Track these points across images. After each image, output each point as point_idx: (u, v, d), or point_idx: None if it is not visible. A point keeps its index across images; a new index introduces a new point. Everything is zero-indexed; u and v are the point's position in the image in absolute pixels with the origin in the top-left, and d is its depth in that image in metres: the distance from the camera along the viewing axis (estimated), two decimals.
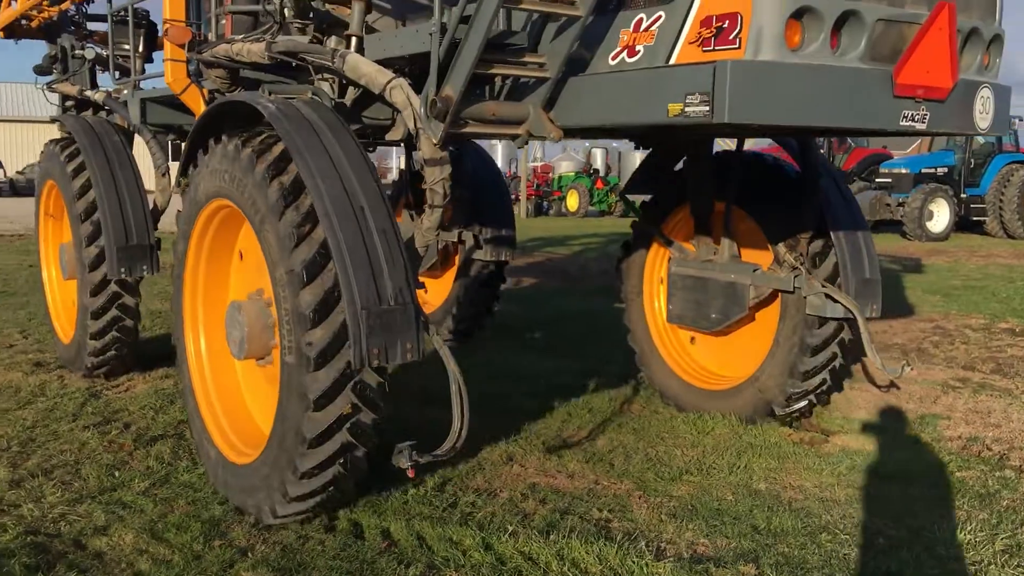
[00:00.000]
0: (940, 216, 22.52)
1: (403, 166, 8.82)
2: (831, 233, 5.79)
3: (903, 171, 23.46)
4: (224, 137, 4.60)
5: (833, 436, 6.05)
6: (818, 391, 6.00)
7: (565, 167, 36.99)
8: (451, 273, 8.67)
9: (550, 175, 36.49)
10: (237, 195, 4.42)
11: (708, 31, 3.77)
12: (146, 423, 5.98)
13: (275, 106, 4.34)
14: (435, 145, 4.42)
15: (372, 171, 4.21)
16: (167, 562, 3.99)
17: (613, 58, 4.21)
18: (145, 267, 6.65)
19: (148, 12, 7.52)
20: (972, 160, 23.65)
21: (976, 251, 19.54)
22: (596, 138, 7.27)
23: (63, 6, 8.09)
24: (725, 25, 3.71)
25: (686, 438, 5.94)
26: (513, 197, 33.24)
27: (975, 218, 23.42)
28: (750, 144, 6.05)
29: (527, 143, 4.98)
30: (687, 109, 3.80)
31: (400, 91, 4.46)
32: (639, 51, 4.07)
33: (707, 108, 3.71)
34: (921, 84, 4.10)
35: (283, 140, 4.19)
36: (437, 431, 4.27)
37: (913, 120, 4.17)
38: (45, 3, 8.04)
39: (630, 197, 7.14)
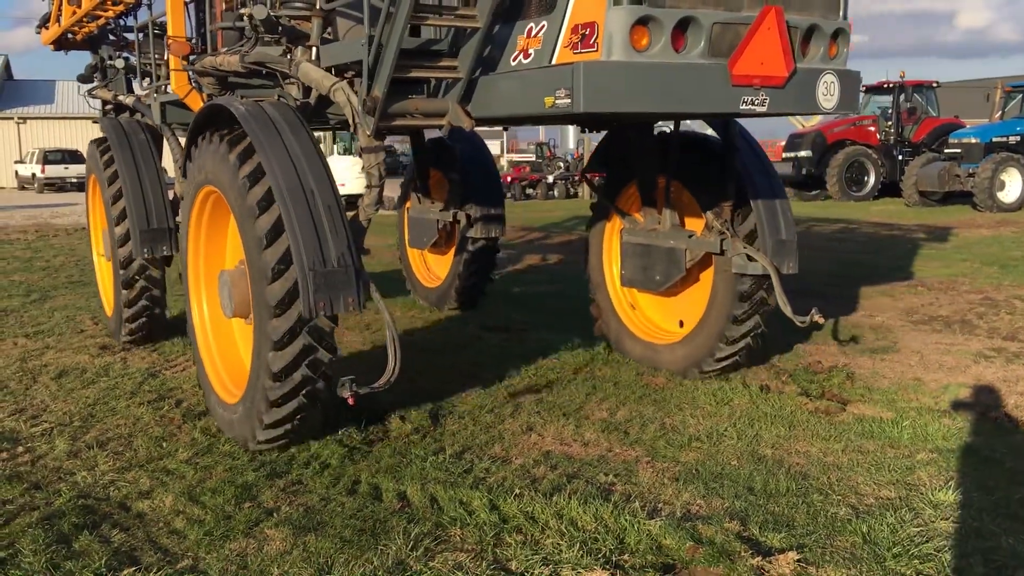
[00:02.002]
0: (1012, 186, 21.92)
1: (426, 157, 9.63)
2: (751, 201, 6.41)
3: (973, 140, 22.86)
4: (209, 134, 5.50)
5: (851, 405, 6.17)
6: (751, 334, 6.64)
7: None
8: (453, 250, 9.47)
9: None
10: (218, 181, 5.34)
11: (576, 37, 4.50)
12: (196, 400, 6.43)
13: (245, 107, 5.23)
14: (369, 136, 5.27)
15: (322, 159, 5.07)
16: (200, 521, 4.38)
17: (513, 59, 4.92)
18: (165, 247, 7.59)
19: None
20: None
21: None
22: (507, 126, 8.28)
23: (99, 22, 8.98)
24: (587, 32, 4.45)
25: (704, 408, 6.13)
26: (576, 178, 33.54)
27: None
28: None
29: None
30: (557, 102, 4.53)
31: (341, 92, 5.33)
32: (531, 53, 4.79)
33: (569, 100, 4.45)
34: (757, 74, 4.79)
35: (249, 135, 5.06)
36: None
37: (753, 104, 4.84)
38: (85, 19, 8.95)
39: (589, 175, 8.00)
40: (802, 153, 26.94)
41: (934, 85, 27.50)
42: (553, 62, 4.61)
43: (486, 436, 5.63)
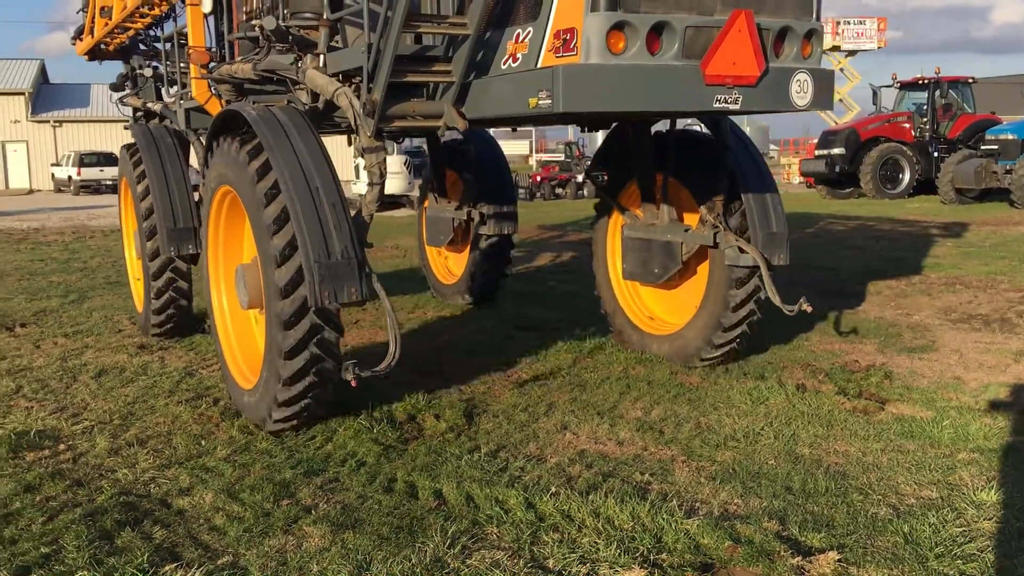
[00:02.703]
0: None
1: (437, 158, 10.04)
2: (742, 194, 6.65)
3: (1010, 137, 22.51)
4: (225, 137, 5.88)
5: (889, 404, 6.11)
6: (746, 321, 6.86)
7: None
8: (468, 247, 9.92)
9: None
10: (233, 180, 5.72)
11: (558, 41, 4.80)
12: None
13: (256, 112, 5.60)
14: (369, 136, 5.61)
15: (327, 159, 5.40)
16: (239, 518, 4.43)
17: (503, 63, 5.23)
18: (191, 246, 7.94)
19: None
20: None
21: None
22: (500, 127, 8.68)
23: (129, 33, 9.53)
24: (568, 37, 4.75)
25: (740, 407, 6.09)
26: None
27: None
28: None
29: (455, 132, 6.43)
30: (540, 102, 4.84)
31: (344, 96, 5.67)
32: (519, 58, 5.08)
33: (550, 101, 4.76)
34: (729, 74, 5.04)
35: (259, 137, 5.40)
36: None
37: (726, 102, 5.10)
38: (117, 30, 9.45)
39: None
40: (835, 150, 26.69)
41: (970, 81, 27.14)
42: (538, 65, 4.90)
43: (521, 435, 5.64)
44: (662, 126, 7.25)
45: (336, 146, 9.36)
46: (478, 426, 5.80)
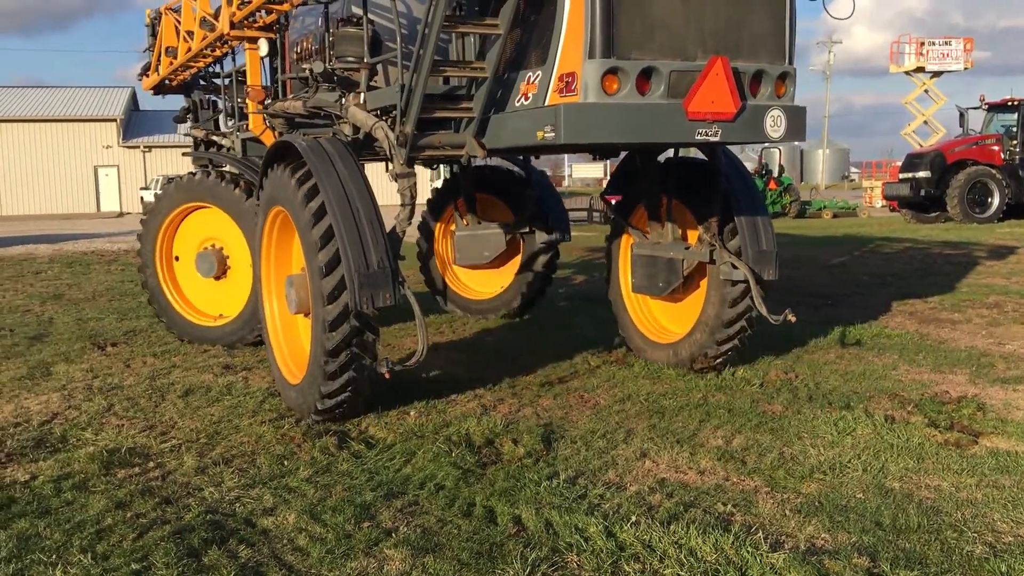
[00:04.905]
0: None
1: (458, 179, 10.65)
2: (734, 215, 7.31)
3: None
4: (279, 165, 6.66)
5: (983, 437, 5.89)
6: (739, 335, 7.52)
7: None
8: (518, 258, 10.59)
9: None
10: (285, 201, 6.47)
11: (562, 83, 5.61)
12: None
13: (305, 143, 6.36)
14: (402, 164, 6.38)
15: (366, 183, 6.15)
16: (322, 539, 4.47)
17: (517, 101, 6.06)
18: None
19: None
20: None
21: None
22: (517, 155, 9.79)
23: (191, 71, 10.47)
24: (569, 80, 5.56)
25: (825, 438, 5.94)
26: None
27: None
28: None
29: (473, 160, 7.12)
30: (545, 135, 5.67)
31: (380, 129, 6.47)
32: (530, 97, 5.91)
33: (554, 133, 5.59)
34: (708, 111, 5.77)
35: (308, 165, 6.16)
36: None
37: (707, 135, 5.84)
38: (180, 68, 10.37)
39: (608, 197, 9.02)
40: (920, 174, 26.03)
41: None
42: (546, 104, 5.70)
43: (599, 461, 5.59)
44: (669, 154, 7.76)
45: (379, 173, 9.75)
46: (556, 452, 5.77)
